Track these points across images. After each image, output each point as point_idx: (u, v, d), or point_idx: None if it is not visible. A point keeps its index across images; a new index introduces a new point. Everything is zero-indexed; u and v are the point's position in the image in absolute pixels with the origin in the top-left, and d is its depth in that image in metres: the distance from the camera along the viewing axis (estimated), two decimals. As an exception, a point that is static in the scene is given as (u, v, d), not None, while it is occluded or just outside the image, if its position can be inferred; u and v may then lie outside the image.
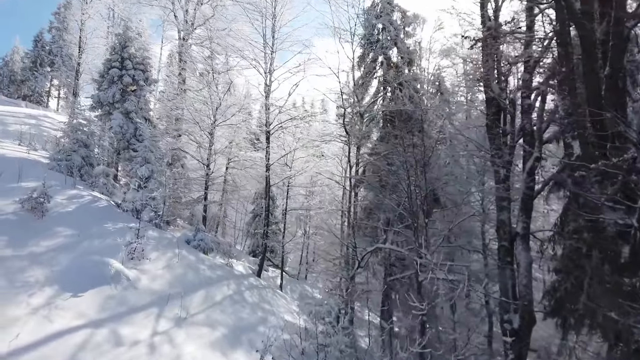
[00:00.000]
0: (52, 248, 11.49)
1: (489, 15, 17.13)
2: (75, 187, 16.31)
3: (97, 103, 22.70)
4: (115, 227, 14.49)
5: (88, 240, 12.73)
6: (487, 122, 16.44)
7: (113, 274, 10.89)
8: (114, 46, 23.72)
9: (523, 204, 15.48)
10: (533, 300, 15.12)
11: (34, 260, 10.55)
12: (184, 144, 22.49)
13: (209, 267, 15.62)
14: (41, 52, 58.23)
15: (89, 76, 35.44)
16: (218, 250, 18.44)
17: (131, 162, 22.21)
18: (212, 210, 23.19)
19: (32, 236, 11.61)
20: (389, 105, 21.48)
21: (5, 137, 23.15)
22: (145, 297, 11.00)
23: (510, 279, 15.44)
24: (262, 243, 20.03)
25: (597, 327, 14.46)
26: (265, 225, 20.32)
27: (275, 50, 20.66)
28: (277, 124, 20.84)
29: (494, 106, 16.30)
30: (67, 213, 13.85)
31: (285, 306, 16.95)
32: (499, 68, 16.75)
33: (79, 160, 18.60)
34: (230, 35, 22.19)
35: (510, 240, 15.67)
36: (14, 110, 32.37)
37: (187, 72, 25.43)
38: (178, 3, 27.16)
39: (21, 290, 9.08)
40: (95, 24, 34.10)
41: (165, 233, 17.11)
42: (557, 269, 16.01)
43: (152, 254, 13.58)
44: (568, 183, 15.50)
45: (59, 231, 12.49)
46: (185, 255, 15.09)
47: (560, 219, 16.32)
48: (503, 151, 15.94)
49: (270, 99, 20.75)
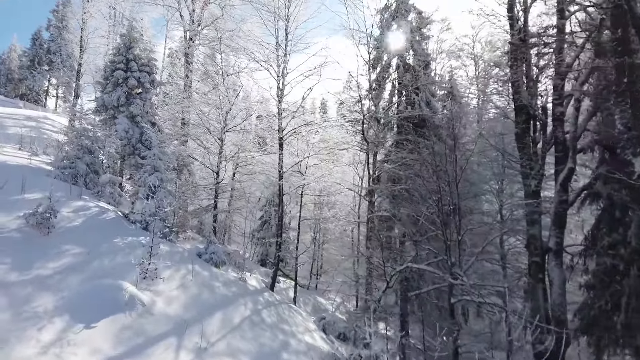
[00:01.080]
0: (60, 270, 10.59)
1: (517, 17, 16.35)
2: (81, 198, 15.43)
3: (102, 106, 21.75)
4: (125, 242, 13.62)
5: (98, 259, 11.84)
6: (517, 131, 15.60)
7: (127, 299, 10.00)
8: (118, 47, 22.74)
9: (556, 217, 14.67)
10: (567, 320, 14.33)
11: (41, 285, 9.66)
12: (193, 151, 21.53)
13: (223, 283, 14.76)
14: (39, 50, 57.17)
15: (89, 77, 34.52)
16: (230, 262, 17.58)
17: (137, 168, 21.32)
18: (220, 217, 22.24)
19: (38, 256, 10.72)
20: (408, 111, 20.63)
21: (4, 140, 22.27)
22: (162, 324, 10.12)
23: (542, 297, 14.62)
24: (275, 255, 19.10)
25: (635, 347, 13.79)
26: (279, 236, 19.37)
27: (288, 53, 19.76)
28: (291, 130, 19.93)
29: (524, 114, 15.48)
30: (74, 228, 12.96)
31: (303, 324, 16.10)
32: (529, 73, 15.92)
33: (83, 168, 17.69)
34: (240, 36, 21.19)
35: (541, 256, 14.86)
36: (13, 112, 31.44)
37: (193, 74, 24.54)
38: (184, 2, 26.23)
39: (29, 323, 8.19)
40: (96, 23, 33.06)
41: (176, 246, 16.25)
42: (589, 286, 15.26)
43: (165, 272, 12.71)
44: (604, 195, 14.78)
45: (67, 249, 11.59)
46: (198, 271, 14.22)
47: (592, 233, 15.54)
48: (533, 161, 15.12)
49: (283, 103, 19.82)
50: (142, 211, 16.01)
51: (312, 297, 22.93)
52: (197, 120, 21.64)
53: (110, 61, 23.79)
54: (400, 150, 20.25)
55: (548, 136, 15.54)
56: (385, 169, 19.57)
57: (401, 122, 21.13)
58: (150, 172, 16.67)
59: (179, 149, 20.48)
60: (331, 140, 20.60)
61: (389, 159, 20.71)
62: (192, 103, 22.25)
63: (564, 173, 14.46)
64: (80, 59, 32.55)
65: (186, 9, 26.11)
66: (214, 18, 24.11)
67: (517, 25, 16.03)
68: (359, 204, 20.35)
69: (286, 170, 19.96)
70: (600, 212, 15.12)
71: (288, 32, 19.76)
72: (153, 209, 15.84)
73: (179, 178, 19.42)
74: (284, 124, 19.81)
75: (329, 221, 23.55)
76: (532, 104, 15.44)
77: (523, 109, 15.46)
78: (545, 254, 14.81)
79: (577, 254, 15.43)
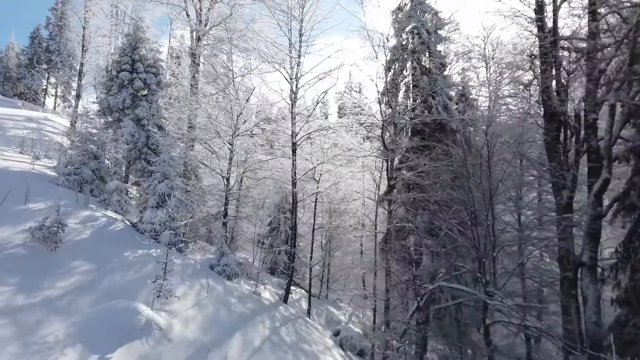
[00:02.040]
0: (70, 290, 9.80)
1: (544, 19, 15.60)
2: (87, 207, 14.61)
3: (106, 109, 20.94)
4: (136, 256, 12.85)
5: (109, 275, 11.05)
6: (547, 138, 14.85)
7: (143, 324, 9.19)
8: (123, 47, 21.92)
9: (590, 230, 13.90)
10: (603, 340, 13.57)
11: (50, 308, 8.87)
12: (203, 157, 20.66)
13: (238, 299, 13.97)
14: (38, 49, 56.17)
15: (91, 77, 33.61)
16: (242, 274, 16.79)
17: (143, 173, 20.52)
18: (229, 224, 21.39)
19: (46, 275, 9.92)
20: (425, 115, 19.83)
21: (5, 143, 21.40)
22: (181, 350, 9.33)
23: (575, 314, 13.86)
24: (289, 267, 18.19)
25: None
26: (292, 246, 18.43)
27: (302, 54, 18.93)
28: (304, 135, 19.07)
29: (556, 121, 14.73)
30: (82, 241, 12.15)
31: (321, 341, 15.36)
32: (559, 79, 15.16)
33: (89, 174, 16.86)
34: (250, 37, 20.32)
35: (574, 271, 14.10)
36: (12, 113, 30.50)
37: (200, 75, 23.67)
38: (190, 0, 25.35)
39: (40, 357, 7.40)
40: (98, 22, 32.10)
41: (187, 258, 15.47)
42: (621, 301, 14.50)
43: (179, 289, 11.95)
44: (639, 205, 14.03)
45: (76, 266, 10.80)
46: (212, 286, 13.43)
47: (625, 245, 14.78)
48: (565, 171, 14.37)
49: (296, 107, 19.00)
50: (152, 220, 15.23)
51: (323, 307, 22.12)
52: (205, 124, 20.77)
53: (115, 62, 22.99)
54: (419, 156, 19.50)
55: (580, 144, 14.72)
56: (403, 176, 18.71)
57: (418, 127, 20.34)
58: (160, 180, 15.85)
59: (190, 154, 19.64)
60: (344, 145, 19.67)
61: (406, 165, 19.87)
62: (199, 105, 21.40)
63: (599, 184, 13.68)
64: (82, 58, 31.61)
65: (192, 8, 25.23)
66: (222, 17, 23.24)
67: (546, 27, 15.28)
68: (376, 213, 19.45)
69: (300, 177, 19.09)
70: (634, 224, 14.36)
71: (302, 33, 18.94)
72: (164, 219, 15.07)
73: (186, 184, 18.57)
74: (297, 128, 18.99)
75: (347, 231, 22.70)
76: (563, 110, 14.67)
77: (554, 116, 14.71)
78: (577, 269, 14.06)
79: (609, 267, 14.72)
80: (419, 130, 20.94)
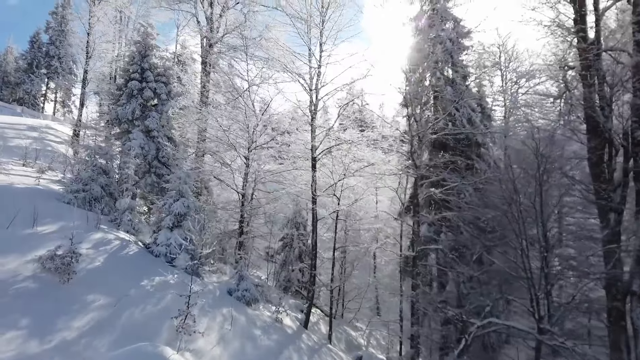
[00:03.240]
0: (87, 330, 8.76)
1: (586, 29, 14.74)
2: (99, 228, 13.57)
3: (115, 119, 19.89)
4: (153, 284, 11.84)
5: (127, 310, 10.01)
6: (590, 157, 13.94)
7: (171, 371, 8.16)
8: (132, 55, 20.88)
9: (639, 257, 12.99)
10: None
11: (66, 355, 7.83)
12: (215, 170, 19.62)
13: (262, 329, 12.96)
14: (37, 53, 55.15)
15: (94, 84, 32.57)
16: (262, 298, 15.77)
17: (153, 188, 19.52)
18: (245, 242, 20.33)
19: (60, 313, 8.89)
20: (449, 128, 18.90)
21: (7, 154, 20.31)
22: (213, 402, 8.29)
23: (625, 347, 12.90)
24: (309, 290, 17.06)
25: None
26: (312, 267, 17.26)
27: (322, 64, 17.94)
28: (325, 149, 18.07)
29: (600, 138, 13.83)
30: (96, 270, 11.11)
31: (349, 372, 14.36)
32: (602, 92, 14.25)
33: (98, 191, 15.85)
34: (266, 45, 19.35)
35: (623, 300, 13.15)
36: (13, 121, 29.49)
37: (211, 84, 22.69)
38: (201, 6, 24.42)
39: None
40: (103, 28, 31.09)
41: (205, 283, 14.43)
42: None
43: (202, 321, 10.96)
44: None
45: (91, 301, 9.75)
46: (235, 317, 12.42)
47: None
48: (611, 191, 13.44)
49: (316, 120, 18.04)
50: (167, 243, 14.22)
51: (342, 329, 21.06)
52: (218, 135, 19.77)
53: (123, 70, 21.97)
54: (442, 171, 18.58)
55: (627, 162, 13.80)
56: (430, 193, 17.71)
57: (444, 141, 19.42)
58: (176, 198, 14.83)
59: (203, 170, 18.61)
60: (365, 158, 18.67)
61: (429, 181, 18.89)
62: (211, 116, 20.40)
63: (649, 206, 12.78)
64: (86, 65, 30.58)
65: (203, 14, 24.31)
66: (235, 24, 22.31)
67: (589, 38, 14.41)
68: (401, 233, 18.43)
69: (321, 193, 18.04)
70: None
71: (322, 42, 17.98)
72: (179, 241, 14.07)
73: (200, 200, 17.55)
74: (317, 141, 18.00)
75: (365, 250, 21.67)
76: (608, 127, 13.76)
77: (598, 133, 13.81)
78: (626, 298, 13.11)
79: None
80: (443, 143, 20.04)
